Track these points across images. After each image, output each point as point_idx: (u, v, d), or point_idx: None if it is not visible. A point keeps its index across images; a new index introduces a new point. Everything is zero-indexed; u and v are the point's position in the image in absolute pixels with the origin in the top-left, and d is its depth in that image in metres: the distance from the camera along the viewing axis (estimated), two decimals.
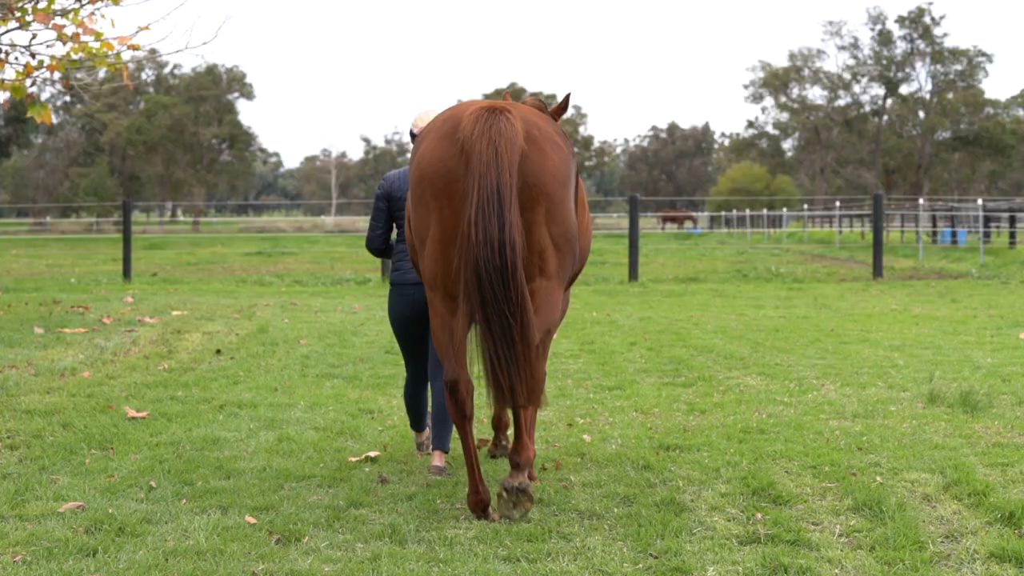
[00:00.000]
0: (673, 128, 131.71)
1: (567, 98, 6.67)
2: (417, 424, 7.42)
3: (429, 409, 7.33)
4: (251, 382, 10.13)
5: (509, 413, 7.06)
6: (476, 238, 5.41)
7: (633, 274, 23.74)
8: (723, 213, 78.04)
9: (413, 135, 7.09)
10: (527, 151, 5.66)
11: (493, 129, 5.55)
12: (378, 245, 7.26)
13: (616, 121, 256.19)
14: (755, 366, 11.04)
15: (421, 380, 7.30)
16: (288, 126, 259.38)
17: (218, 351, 12.18)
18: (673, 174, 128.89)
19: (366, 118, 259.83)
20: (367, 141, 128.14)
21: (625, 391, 9.64)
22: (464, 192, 5.57)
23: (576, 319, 15.73)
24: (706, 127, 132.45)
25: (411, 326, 7.15)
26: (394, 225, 7.23)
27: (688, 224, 79.81)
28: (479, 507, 5.81)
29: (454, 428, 6.60)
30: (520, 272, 5.44)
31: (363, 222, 71.13)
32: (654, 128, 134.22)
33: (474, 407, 6.00)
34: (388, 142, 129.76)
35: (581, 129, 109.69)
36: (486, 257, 5.39)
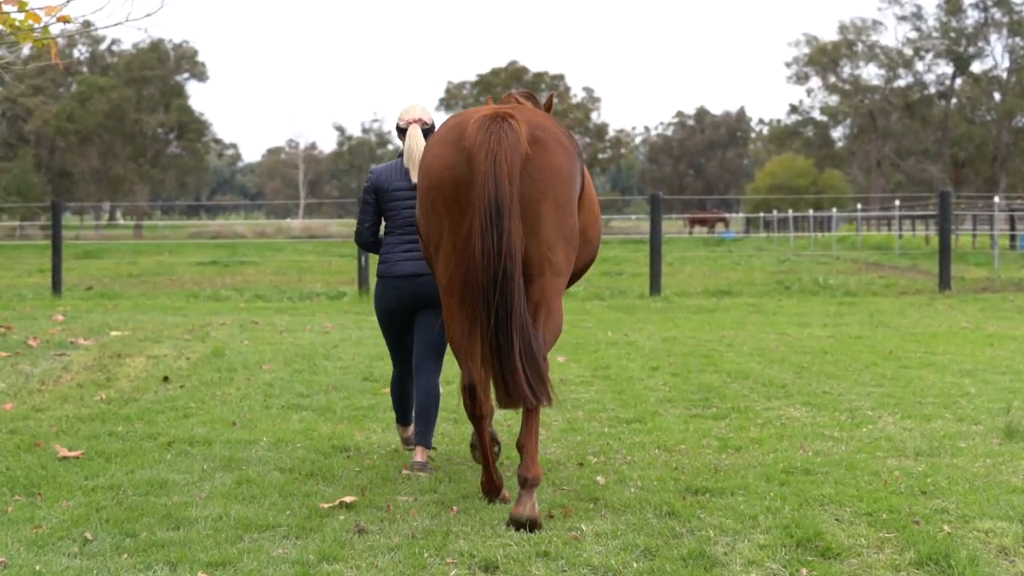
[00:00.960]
0: (702, 114, 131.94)
1: (551, 98, 8.06)
2: (403, 417, 8.73)
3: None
4: (204, 415, 10.15)
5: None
6: (475, 248, 6.48)
7: (655, 286, 23.76)
8: (761, 214, 78.17)
9: (401, 129, 8.38)
10: (531, 152, 6.74)
11: (492, 138, 6.62)
12: (367, 238, 8.54)
13: (635, 106, 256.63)
14: (799, 395, 11.06)
15: (409, 373, 8.57)
16: (248, 113, 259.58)
17: (165, 378, 12.20)
18: (702, 168, 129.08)
19: (340, 103, 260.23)
20: (341, 130, 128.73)
21: (646, 424, 9.66)
22: (470, 198, 6.64)
23: (588, 340, 15.75)
24: (741, 113, 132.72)
25: (398, 319, 8.41)
26: (382, 218, 8.48)
27: (720, 227, 79.84)
28: (493, 492, 7.17)
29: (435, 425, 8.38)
30: (517, 280, 6.48)
31: (336, 226, 71.19)
32: (679, 114, 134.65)
33: (492, 406, 7.06)
34: (366, 131, 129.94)
35: (594, 116, 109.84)
36: (482, 267, 6.45)
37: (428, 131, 8.43)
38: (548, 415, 10.15)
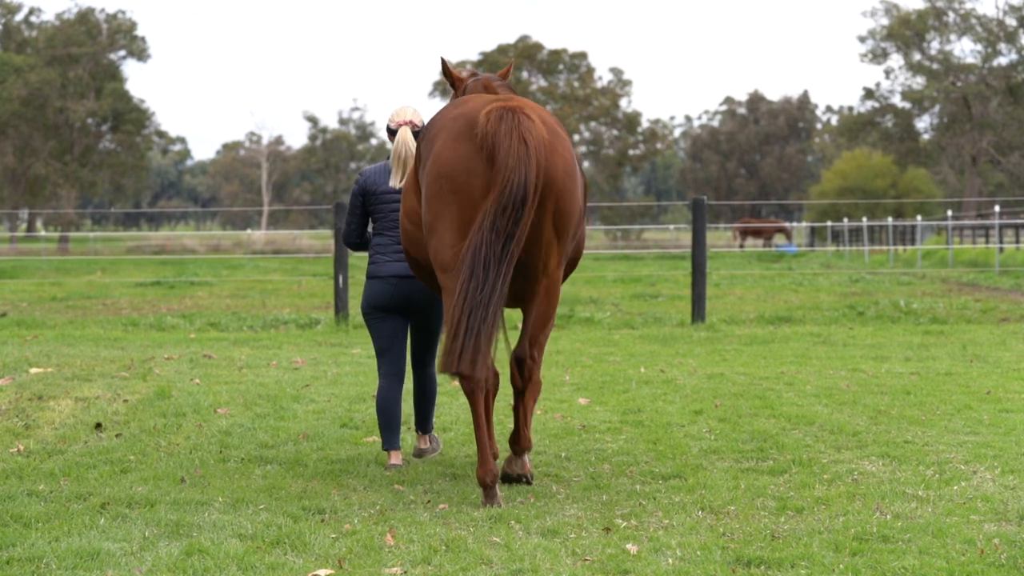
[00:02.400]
0: (756, 100, 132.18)
1: (509, 67, 10.41)
2: (390, 439, 10.35)
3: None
4: (146, 470, 10.17)
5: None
6: (492, 225, 8.47)
7: (698, 312, 23.79)
8: (829, 223, 78.18)
9: (391, 131, 10.35)
10: (549, 146, 8.71)
11: (523, 127, 8.59)
12: (354, 240, 10.65)
13: (674, 91, 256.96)
14: (875, 445, 11.07)
15: (397, 381, 10.44)
16: (199, 100, 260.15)
17: (98, 425, 12.23)
18: (756, 167, 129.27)
19: (312, 89, 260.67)
20: (313, 121, 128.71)
21: (687, 481, 9.68)
22: (484, 186, 8.66)
23: (616, 378, 15.77)
24: (804, 98, 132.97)
25: (390, 319, 10.36)
26: (370, 219, 10.53)
27: (778, 239, 79.86)
28: (488, 478, 8.92)
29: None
30: (512, 263, 8.54)
31: (307, 238, 71.33)
32: (728, 101, 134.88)
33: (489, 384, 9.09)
34: (344, 122, 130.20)
35: (623, 103, 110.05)
36: (490, 241, 8.46)
37: (418, 133, 10.25)
38: (567, 469, 10.18)
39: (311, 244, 72.34)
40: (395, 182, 10.20)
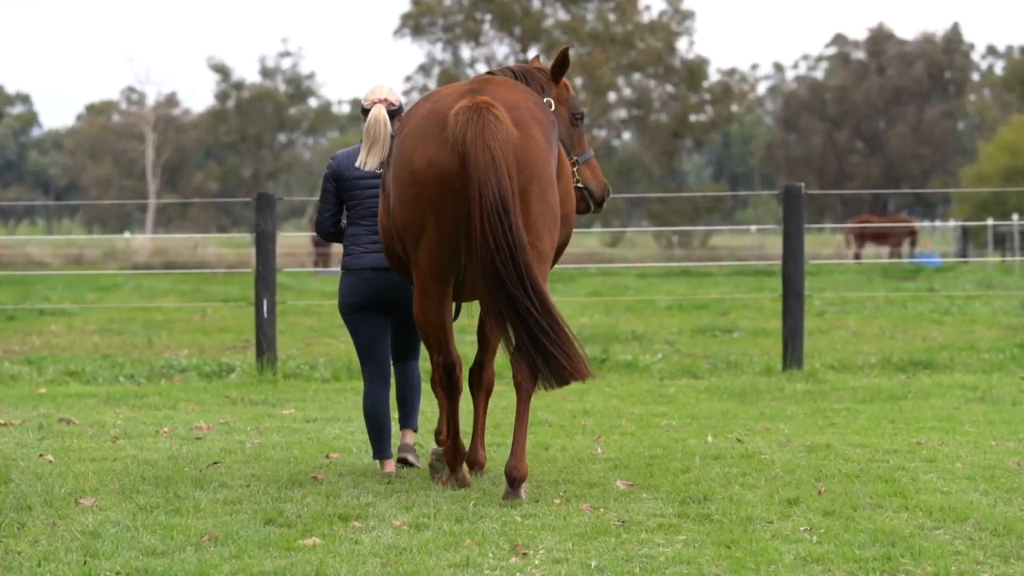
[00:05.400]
0: (880, 40, 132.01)
1: (564, 52, 13.88)
2: (381, 447, 14.17)
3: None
4: None
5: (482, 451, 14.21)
6: (488, 246, 11.80)
7: (793, 355, 23.76)
8: (990, 222, 78.09)
9: (365, 111, 13.66)
10: (518, 140, 12.08)
11: (487, 132, 11.85)
12: (328, 228, 14.19)
13: (757, 29, 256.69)
14: None
15: (383, 385, 14.14)
16: (51, 40, 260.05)
17: None
18: (880, 139, 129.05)
19: (220, 26, 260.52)
20: (223, 72, 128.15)
21: None
22: (459, 191, 12.01)
23: (671, 450, 15.77)
24: (953, 36, 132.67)
25: (370, 316, 13.90)
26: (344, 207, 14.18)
27: (909, 245, 79.71)
28: (457, 460, 13.26)
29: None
30: (533, 268, 11.95)
31: (215, 244, 71.55)
32: (839, 40, 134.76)
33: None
34: (268, 73, 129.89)
35: (681, 46, 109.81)
36: (501, 262, 11.80)
37: (394, 113, 13.67)
38: None
39: (220, 255, 72.30)
40: (363, 162, 13.54)
